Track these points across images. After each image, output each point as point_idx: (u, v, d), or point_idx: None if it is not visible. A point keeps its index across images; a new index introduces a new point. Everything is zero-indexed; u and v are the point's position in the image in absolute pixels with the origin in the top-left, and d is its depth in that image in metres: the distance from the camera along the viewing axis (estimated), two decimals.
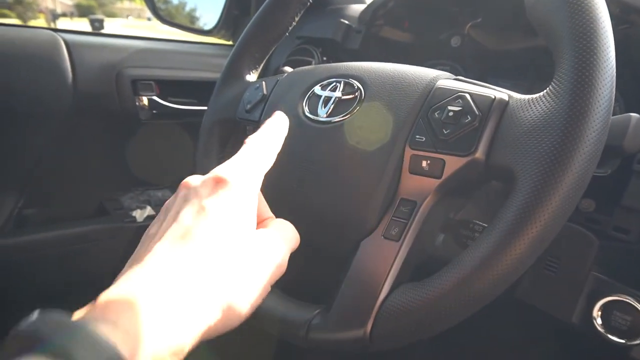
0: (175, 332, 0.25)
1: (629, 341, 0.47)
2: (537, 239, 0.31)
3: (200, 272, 0.28)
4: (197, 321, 0.27)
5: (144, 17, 23.97)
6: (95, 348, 0.21)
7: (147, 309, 0.24)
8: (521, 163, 0.33)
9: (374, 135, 0.42)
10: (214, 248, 0.29)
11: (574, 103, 0.31)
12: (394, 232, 0.38)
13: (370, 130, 0.42)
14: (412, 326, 0.35)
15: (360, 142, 0.42)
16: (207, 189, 0.31)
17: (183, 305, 0.26)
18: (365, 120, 0.43)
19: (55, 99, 0.74)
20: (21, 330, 0.22)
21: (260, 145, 0.37)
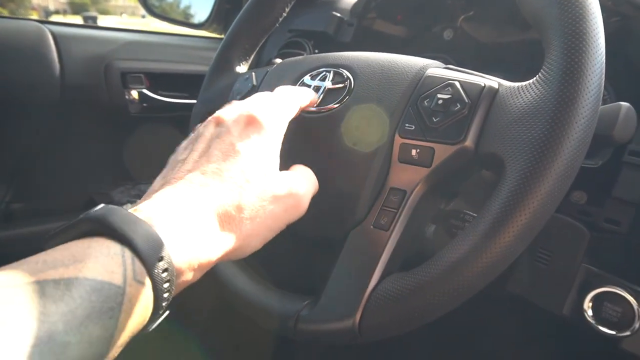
0: (204, 248, 0.29)
1: (619, 332, 0.47)
2: (526, 227, 0.31)
3: (226, 205, 0.30)
4: (220, 244, 0.30)
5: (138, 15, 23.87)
6: (153, 244, 0.25)
7: (184, 223, 0.28)
8: (510, 150, 0.32)
9: (363, 124, 0.41)
10: (240, 186, 0.31)
11: (563, 89, 0.31)
12: (383, 222, 0.38)
13: (359, 119, 0.42)
14: (401, 316, 0.35)
15: (349, 131, 0.42)
16: (238, 128, 0.34)
17: (211, 228, 0.29)
18: (355, 109, 0.43)
19: (43, 91, 0.73)
20: (91, 215, 0.26)
21: (290, 94, 0.39)
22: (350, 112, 0.43)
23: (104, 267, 0.23)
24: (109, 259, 0.24)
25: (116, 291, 0.23)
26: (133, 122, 0.84)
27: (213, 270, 0.49)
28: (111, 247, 0.24)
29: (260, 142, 0.34)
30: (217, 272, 0.49)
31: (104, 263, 0.23)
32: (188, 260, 0.28)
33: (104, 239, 0.25)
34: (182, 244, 0.27)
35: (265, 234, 0.34)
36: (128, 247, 0.25)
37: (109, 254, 0.24)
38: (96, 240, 0.25)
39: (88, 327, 0.21)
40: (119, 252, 0.24)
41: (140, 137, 0.88)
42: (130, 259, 0.24)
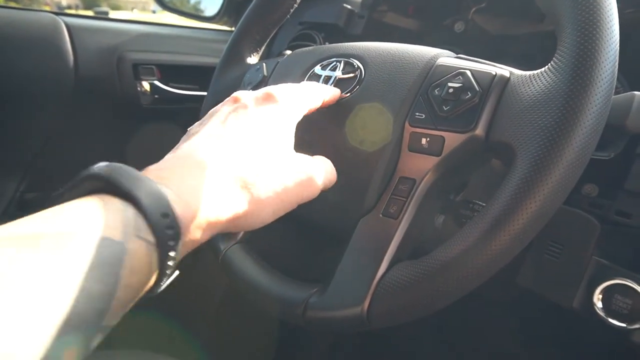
0: (214, 207, 0.28)
1: (629, 325, 0.47)
2: (536, 215, 0.31)
3: (239, 167, 0.30)
4: (230, 204, 0.29)
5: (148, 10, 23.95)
6: (157, 200, 0.25)
7: (193, 181, 0.28)
8: (521, 138, 0.32)
9: (373, 113, 0.41)
10: (256, 154, 0.31)
11: (576, 77, 0.31)
12: (392, 210, 0.38)
13: (369, 108, 0.42)
14: (410, 304, 0.35)
15: (359, 120, 0.42)
16: (256, 103, 0.34)
17: (221, 187, 0.29)
18: (365, 98, 0.43)
19: (57, 81, 0.74)
20: (93, 173, 0.25)
21: (314, 87, 0.40)
22: (361, 102, 0.43)
23: (104, 223, 0.23)
24: (110, 215, 0.23)
25: (116, 247, 0.23)
26: (144, 114, 0.85)
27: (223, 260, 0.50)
28: (114, 204, 0.24)
29: (276, 116, 0.34)
30: (226, 261, 0.49)
31: (105, 219, 0.23)
32: (196, 218, 0.27)
33: (108, 196, 0.24)
34: (189, 201, 0.27)
35: (278, 205, 0.33)
36: (131, 203, 0.24)
37: (110, 210, 0.23)
38: (99, 197, 0.24)
39: (87, 281, 0.21)
40: (120, 208, 0.24)
41: (152, 129, 0.89)
42: (133, 215, 0.24)
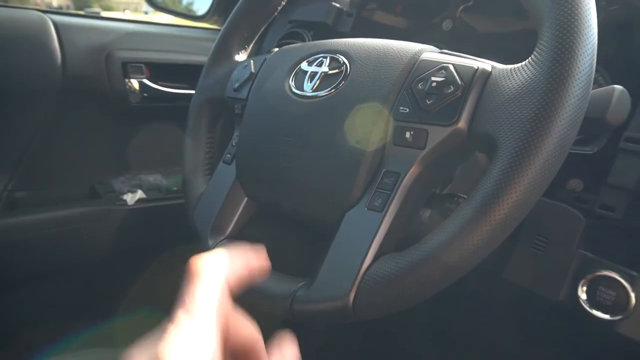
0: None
1: (613, 316, 0.48)
2: (517, 204, 0.32)
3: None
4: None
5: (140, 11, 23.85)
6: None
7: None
8: (502, 130, 0.33)
9: (358, 108, 0.42)
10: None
11: (554, 69, 0.32)
12: (377, 203, 0.38)
13: (355, 103, 0.42)
14: (394, 295, 0.35)
15: (345, 115, 0.42)
16: None
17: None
18: (351, 93, 0.43)
19: (45, 80, 0.74)
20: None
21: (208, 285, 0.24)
22: (346, 97, 0.43)
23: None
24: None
25: None
26: (134, 112, 0.85)
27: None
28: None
29: None
30: None
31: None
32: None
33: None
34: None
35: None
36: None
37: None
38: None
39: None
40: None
41: (141, 127, 0.89)
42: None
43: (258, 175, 0.50)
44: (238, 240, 0.51)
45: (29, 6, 0.83)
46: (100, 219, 0.79)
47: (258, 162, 0.50)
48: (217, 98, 0.60)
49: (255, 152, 0.50)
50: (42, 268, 0.77)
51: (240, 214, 0.52)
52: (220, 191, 0.53)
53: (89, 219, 0.79)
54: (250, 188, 0.51)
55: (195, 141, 0.60)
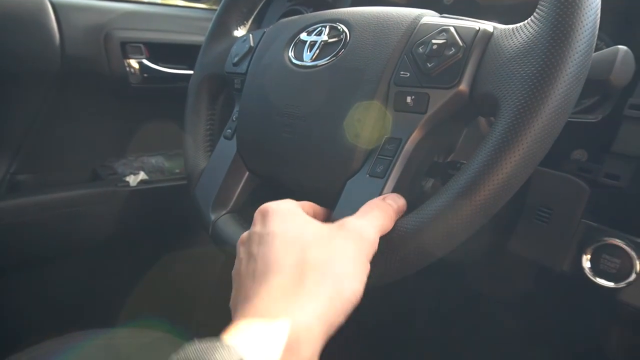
0: (302, 350, 0.26)
1: (617, 284, 0.48)
2: (521, 162, 0.31)
3: (298, 290, 0.28)
4: (318, 331, 0.27)
5: None
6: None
7: (276, 337, 0.26)
8: (504, 89, 0.32)
9: (358, 75, 0.41)
10: (299, 269, 0.29)
11: (557, 25, 0.31)
12: (379, 170, 0.38)
13: (355, 70, 0.42)
14: (398, 261, 0.35)
15: (345, 83, 0.42)
16: (258, 224, 0.34)
17: (302, 326, 0.27)
18: (350, 61, 0.43)
19: (44, 61, 0.74)
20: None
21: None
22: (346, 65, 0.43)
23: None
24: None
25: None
26: (134, 93, 0.84)
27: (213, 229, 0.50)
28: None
29: (286, 217, 0.33)
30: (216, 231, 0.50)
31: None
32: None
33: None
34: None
35: (354, 284, 0.31)
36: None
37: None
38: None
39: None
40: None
41: (142, 109, 0.89)
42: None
43: (259, 148, 0.50)
44: (240, 214, 0.51)
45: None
46: (103, 201, 0.79)
47: (258, 135, 0.50)
48: (217, 74, 0.59)
49: (256, 126, 0.50)
50: (46, 249, 0.78)
51: (241, 188, 0.52)
52: (221, 166, 0.53)
53: (92, 201, 0.79)
54: (251, 162, 0.51)
55: (195, 118, 0.60)
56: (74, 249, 0.81)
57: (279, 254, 0.30)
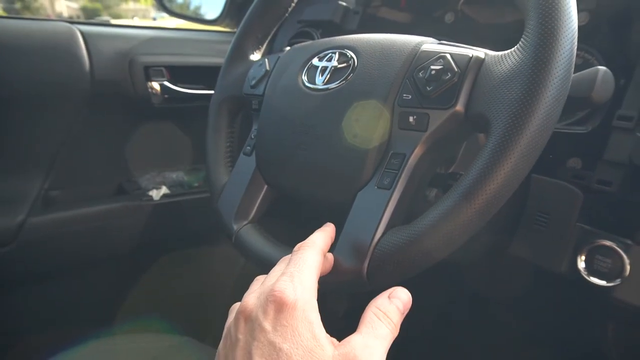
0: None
1: (609, 282, 0.51)
2: (511, 173, 0.35)
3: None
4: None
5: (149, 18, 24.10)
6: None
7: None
8: (494, 110, 0.37)
9: (366, 97, 0.46)
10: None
11: (538, 54, 0.35)
12: (386, 182, 0.42)
13: (363, 93, 0.46)
14: (405, 263, 0.39)
15: (354, 104, 0.46)
16: (270, 318, 0.30)
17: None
18: (359, 84, 0.47)
19: (75, 86, 0.79)
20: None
21: (309, 252, 0.37)
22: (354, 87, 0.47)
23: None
24: None
25: None
26: (156, 113, 0.90)
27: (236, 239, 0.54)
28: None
29: (300, 327, 0.30)
30: (240, 240, 0.54)
31: None
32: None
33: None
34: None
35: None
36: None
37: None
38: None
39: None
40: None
41: (163, 127, 0.94)
42: None
43: (276, 164, 0.54)
44: (260, 224, 0.55)
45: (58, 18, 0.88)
46: (129, 214, 0.85)
47: (276, 151, 0.54)
48: (236, 95, 0.64)
49: (273, 143, 0.54)
50: (77, 260, 0.83)
51: (261, 200, 0.56)
52: (242, 180, 0.57)
53: (119, 214, 0.84)
54: (269, 176, 0.55)
55: (216, 136, 0.65)
56: (102, 259, 0.86)
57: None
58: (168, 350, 0.66)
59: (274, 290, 0.31)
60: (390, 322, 0.34)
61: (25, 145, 0.79)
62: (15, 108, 0.77)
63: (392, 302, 0.35)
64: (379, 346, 0.32)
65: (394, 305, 0.35)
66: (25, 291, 0.81)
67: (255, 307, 0.32)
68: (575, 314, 0.66)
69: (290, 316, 0.30)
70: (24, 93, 0.76)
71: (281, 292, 0.31)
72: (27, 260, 0.78)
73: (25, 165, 0.80)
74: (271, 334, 0.30)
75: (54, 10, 22.74)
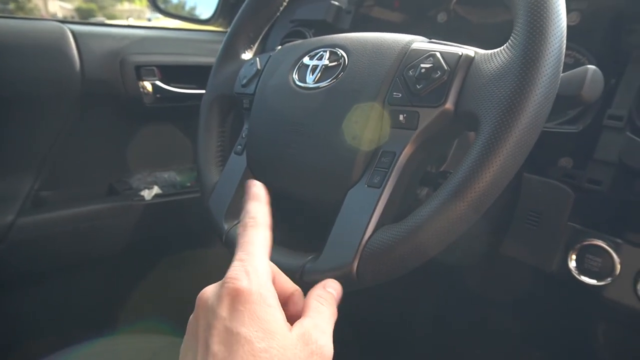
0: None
1: (599, 281, 0.51)
2: (499, 171, 0.35)
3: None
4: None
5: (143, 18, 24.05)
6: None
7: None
8: (484, 108, 0.37)
9: (356, 96, 0.46)
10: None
11: (528, 52, 0.35)
12: (376, 180, 0.42)
13: (353, 92, 0.46)
14: (393, 261, 0.39)
15: (345, 103, 0.46)
16: (224, 306, 0.30)
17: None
18: (349, 83, 0.47)
19: (65, 85, 0.79)
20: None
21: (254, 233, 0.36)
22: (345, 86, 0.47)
23: None
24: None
25: None
26: (147, 113, 0.90)
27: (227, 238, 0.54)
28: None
29: (258, 310, 0.30)
30: (230, 239, 0.54)
31: None
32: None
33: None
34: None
35: None
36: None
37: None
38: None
39: None
40: None
41: (155, 127, 0.94)
42: None
43: (267, 163, 0.54)
44: None
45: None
46: (120, 214, 0.84)
47: (267, 151, 0.54)
48: (227, 95, 0.64)
49: (264, 142, 0.54)
50: (68, 260, 0.83)
51: None
52: (232, 180, 0.57)
53: (110, 214, 0.84)
54: (260, 175, 0.55)
55: (207, 135, 0.64)
56: (93, 259, 0.86)
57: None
58: (161, 350, 0.66)
59: (227, 279, 0.31)
60: (330, 305, 0.37)
61: (15, 145, 0.79)
62: (5, 108, 0.76)
63: (327, 291, 0.39)
64: (327, 325, 0.35)
65: (330, 293, 0.38)
66: (15, 292, 0.80)
67: (211, 296, 0.32)
68: (567, 313, 0.66)
69: (246, 301, 0.30)
70: (14, 93, 0.76)
71: (234, 280, 0.31)
72: (17, 261, 0.77)
73: (15, 165, 0.79)
74: (227, 320, 0.30)
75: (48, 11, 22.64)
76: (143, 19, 23.68)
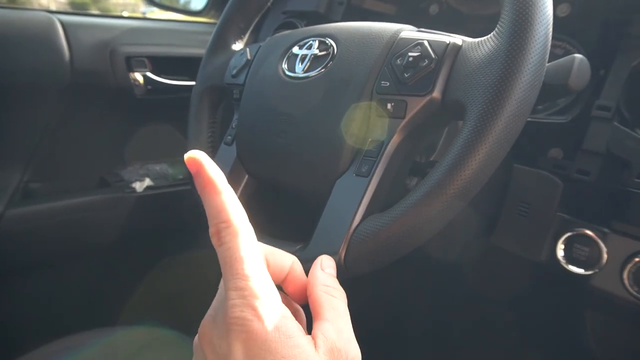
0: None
1: (587, 270, 0.52)
2: (485, 159, 0.35)
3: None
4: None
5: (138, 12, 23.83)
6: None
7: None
8: (470, 96, 0.37)
9: (345, 85, 0.46)
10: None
11: (514, 40, 0.35)
12: (364, 169, 0.42)
13: (342, 81, 0.46)
14: (381, 249, 0.39)
15: (333, 92, 0.46)
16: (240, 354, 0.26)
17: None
18: (338, 72, 0.47)
19: (54, 76, 0.78)
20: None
21: (236, 243, 0.28)
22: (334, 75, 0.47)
23: None
24: None
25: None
26: (138, 105, 0.89)
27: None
28: None
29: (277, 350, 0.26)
30: None
31: None
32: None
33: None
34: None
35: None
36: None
37: None
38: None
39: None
40: None
41: (146, 119, 0.93)
42: None
43: (257, 153, 0.54)
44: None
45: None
46: (111, 206, 0.84)
47: (256, 141, 0.54)
48: (217, 85, 0.63)
49: (254, 132, 0.54)
50: (58, 252, 0.83)
51: (242, 190, 0.56)
52: (222, 170, 0.56)
53: (101, 206, 0.83)
54: (250, 165, 0.55)
55: (197, 126, 0.64)
56: (83, 252, 0.86)
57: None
58: (152, 343, 0.66)
59: (232, 320, 0.26)
60: (340, 292, 0.33)
61: (3, 136, 0.78)
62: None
63: (327, 273, 0.35)
64: (347, 325, 0.31)
65: (331, 275, 0.35)
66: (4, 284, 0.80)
67: (218, 339, 0.27)
68: (556, 303, 0.66)
69: (263, 343, 0.26)
70: (1, 84, 0.75)
71: (242, 321, 0.26)
72: (6, 253, 0.77)
73: (4, 157, 0.79)
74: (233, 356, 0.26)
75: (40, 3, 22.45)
76: (137, 12, 23.41)
